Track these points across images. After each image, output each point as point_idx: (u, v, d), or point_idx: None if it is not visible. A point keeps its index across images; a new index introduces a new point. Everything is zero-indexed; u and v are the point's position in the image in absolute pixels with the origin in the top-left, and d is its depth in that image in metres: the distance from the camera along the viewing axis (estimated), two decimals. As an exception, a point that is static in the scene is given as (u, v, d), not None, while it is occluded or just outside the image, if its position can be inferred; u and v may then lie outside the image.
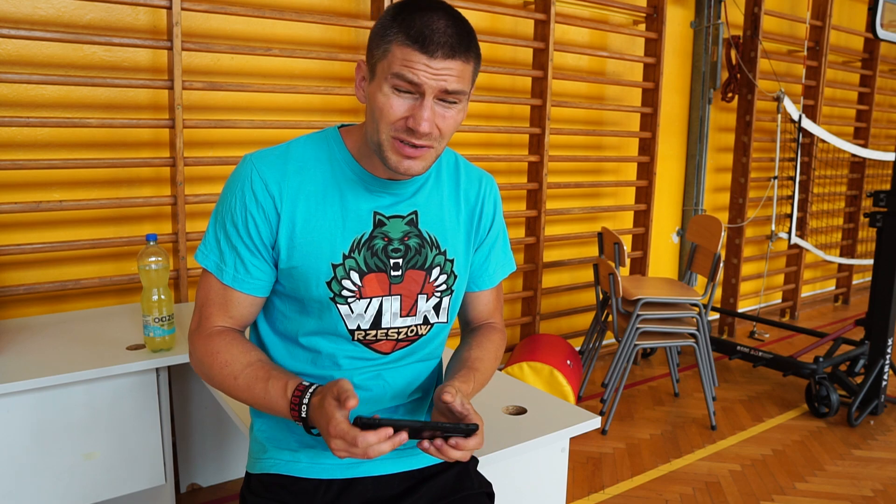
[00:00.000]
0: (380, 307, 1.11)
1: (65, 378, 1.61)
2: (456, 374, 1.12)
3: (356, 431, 0.89)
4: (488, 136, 3.29)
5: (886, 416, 3.17)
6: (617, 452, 2.74)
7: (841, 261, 5.08)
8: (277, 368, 1.06)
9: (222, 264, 1.08)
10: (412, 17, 0.95)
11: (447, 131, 1.01)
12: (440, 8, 0.97)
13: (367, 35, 2.79)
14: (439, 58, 0.94)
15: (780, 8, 4.40)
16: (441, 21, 0.95)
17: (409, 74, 0.95)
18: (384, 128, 0.99)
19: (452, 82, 0.97)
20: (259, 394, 1.03)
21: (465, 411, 0.99)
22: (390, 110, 0.98)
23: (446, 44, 0.95)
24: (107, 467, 1.74)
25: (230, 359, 1.06)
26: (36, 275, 2.27)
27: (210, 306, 1.10)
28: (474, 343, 1.22)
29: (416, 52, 0.94)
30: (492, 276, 1.26)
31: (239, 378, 1.05)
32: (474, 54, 1.00)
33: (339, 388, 0.93)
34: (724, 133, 4.39)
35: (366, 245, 1.09)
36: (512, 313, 3.51)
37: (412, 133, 0.98)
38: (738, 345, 3.50)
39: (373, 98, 1.00)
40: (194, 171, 2.49)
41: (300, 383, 1.01)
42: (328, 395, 0.94)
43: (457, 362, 1.18)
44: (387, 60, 0.97)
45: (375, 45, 1.00)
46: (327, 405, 0.93)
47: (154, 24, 2.38)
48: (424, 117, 0.97)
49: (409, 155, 1.00)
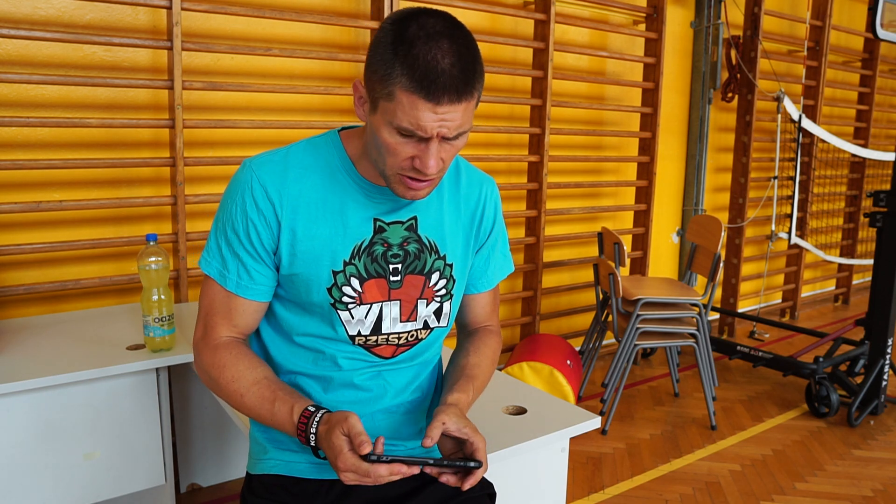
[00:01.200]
0: (380, 313, 1.11)
1: (65, 378, 1.61)
2: (455, 383, 1.13)
3: (367, 466, 0.92)
4: (488, 136, 3.28)
5: (886, 416, 3.17)
6: (617, 452, 2.74)
7: (841, 261, 5.08)
8: (283, 388, 1.06)
9: (225, 271, 1.08)
10: (415, 54, 0.90)
11: (451, 159, 1.02)
12: (444, 34, 0.91)
13: (367, 35, 2.82)
14: (445, 103, 0.92)
15: (780, 8, 4.40)
16: (446, 58, 0.90)
17: (417, 130, 0.93)
18: (391, 165, 0.99)
19: (457, 125, 0.95)
20: (265, 415, 1.05)
21: (463, 435, 1.01)
22: (397, 152, 0.97)
23: (452, 87, 0.91)
24: (107, 467, 1.74)
25: (237, 374, 1.07)
26: (36, 275, 2.27)
27: (214, 315, 1.10)
28: (472, 349, 1.22)
29: (420, 100, 0.91)
30: (491, 279, 1.26)
31: (245, 397, 1.06)
32: (478, 85, 0.96)
33: (351, 428, 0.94)
34: (724, 133, 4.39)
35: (366, 251, 1.09)
36: (512, 313, 3.51)
37: (419, 171, 0.98)
38: (738, 345, 3.50)
39: (377, 132, 0.98)
40: (194, 171, 2.49)
41: (305, 408, 1.01)
42: (336, 430, 0.95)
43: (455, 369, 1.18)
44: (391, 105, 0.93)
45: (378, 80, 0.94)
46: (335, 440, 0.94)
47: (154, 24, 2.38)
48: (430, 163, 0.96)
49: (416, 188, 1.01)
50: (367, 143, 1.04)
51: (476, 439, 1.01)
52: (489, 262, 1.25)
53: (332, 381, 1.13)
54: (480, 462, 0.98)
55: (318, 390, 1.14)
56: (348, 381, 1.13)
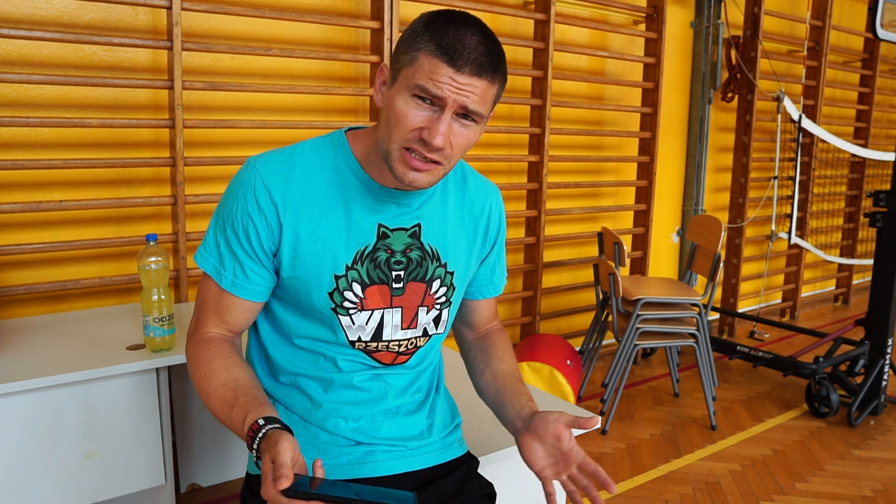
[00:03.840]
0: (381, 319, 1.10)
1: (65, 378, 1.61)
2: (520, 394, 1.18)
3: (286, 501, 0.84)
4: (488, 136, 3.28)
5: (886, 416, 3.17)
6: (617, 452, 2.74)
7: (841, 261, 5.08)
8: (246, 394, 1.01)
9: (221, 269, 1.07)
10: (445, 29, 0.93)
11: (459, 149, 0.99)
12: (475, 24, 0.95)
13: (368, 35, 2.82)
14: (466, 73, 0.92)
15: (780, 8, 4.40)
16: (474, 38, 0.93)
17: (433, 88, 0.93)
18: (397, 136, 0.96)
19: (474, 100, 0.94)
20: (225, 421, 1.01)
21: (569, 424, 1.08)
22: (407, 119, 0.95)
23: (475, 61, 0.92)
24: (107, 467, 1.74)
25: (209, 373, 1.05)
26: (36, 275, 2.27)
27: (206, 310, 1.10)
28: (504, 354, 1.28)
29: (443, 63, 0.92)
30: (497, 285, 1.31)
31: (211, 397, 1.03)
32: (501, 76, 0.98)
33: (276, 456, 0.86)
34: (724, 133, 4.39)
35: (369, 257, 1.08)
36: (512, 313, 3.51)
37: (425, 145, 0.95)
38: (738, 345, 3.50)
39: (391, 103, 0.97)
40: (194, 171, 2.49)
41: (255, 421, 0.94)
42: (266, 455, 0.88)
43: (505, 379, 1.22)
44: (412, 68, 0.94)
45: (403, 51, 0.96)
46: (264, 465, 0.88)
47: (154, 24, 2.38)
48: (440, 131, 0.94)
49: (417, 168, 0.98)
50: (379, 126, 1.02)
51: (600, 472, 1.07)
52: (495, 270, 1.29)
53: (332, 382, 1.13)
54: (414, 494, 0.87)
55: (318, 391, 1.13)
56: (348, 382, 1.13)
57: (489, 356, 1.27)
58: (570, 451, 1.06)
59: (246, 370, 1.08)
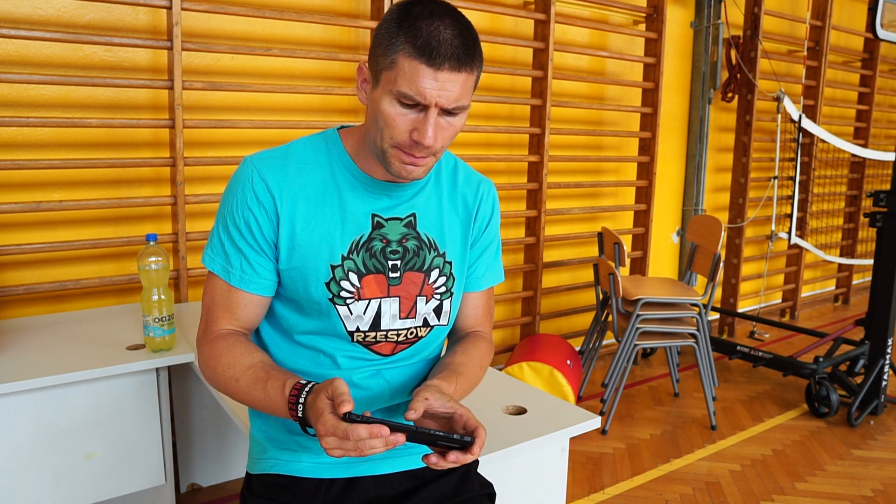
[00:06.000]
0: (378, 308, 1.11)
1: (65, 378, 1.61)
2: (437, 374, 1.10)
3: (346, 425, 0.87)
4: (488, 136, 3.29)
5: (886, 416, 3.17)
6: (617, 452, 2.74)
7: (841, 261, 5.08)
8: (277, 369, 1.06)
9: (228, 266, 1.09)
10: (419, 26, 0.94)
11: (449, 140, 1.03)
12: (446, 13, 0.97)
13: (367, 35, 2.82)
14: (446, 70, 0.95)
15: (780, 8, 4.40)
16: (447, 31, 0.95)
17: (416, 95, 0.95)
18: (388, 136, 1.00)
19: (456, 96, 0.97)
20: (259, 395, 1.03)
21: (449, 409, 0.98)
22: (396, 122, 0.98)
23: (453, 56, 0.94)
24: (107, 467, 1.74)
25: (232, 361, 1.06)
26: (36, 275, 2.27)
27: (216, 309, 1.11)
28: (459, 349, 1.19)
29: (422, 65, 0.94)
30: (480, 280, 1.24)
31: (241, 380, 1.05)
32: (478, 61, 1.00)
33: (334, 390, 0.91)
34: (724, 133, 4.39)
35: (364, 246, 1.09)
36: (512, 313, 3.51)
37: (417, 146, 0.99)
38: (738, 345, 3.50)
39: (377, 105, 1.00)
40: (194, 171, 2.49)
41: (298, 381, 0.99)
42: (321, 394, 0.93)
43: (439, 366, 1.16)
44: (393, 72, 0.96)
45: (381, 53, 0.98)
46: (319, 402, 0.92)
47: (154, 24, 2.38)
48: (429, 133, 0.97)
49: (413, 162, 1.01)
50: (367, 126, 1.05)
51: (463, 410, 0.98)
52: (480, 261, 1.23)
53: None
54: (472, 438, 0.93)
55: (318, 389, 1.14)
56: (347, 379, 1.13)
57: (448, 349, 1.22)
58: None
59: (268, 356, 1.10)
